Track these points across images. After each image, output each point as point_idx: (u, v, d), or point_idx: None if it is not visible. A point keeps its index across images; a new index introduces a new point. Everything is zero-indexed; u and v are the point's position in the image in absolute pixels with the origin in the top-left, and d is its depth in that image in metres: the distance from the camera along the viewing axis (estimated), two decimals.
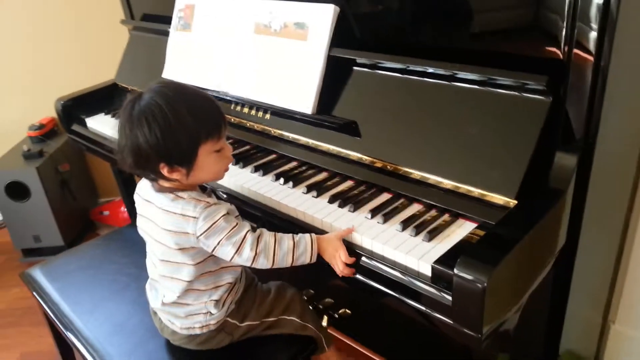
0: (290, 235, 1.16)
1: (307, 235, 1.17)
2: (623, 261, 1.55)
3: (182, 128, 1.07)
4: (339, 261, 1.13)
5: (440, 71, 1.23)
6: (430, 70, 1.25)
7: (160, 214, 1.14)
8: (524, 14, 1.16)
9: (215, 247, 1.12)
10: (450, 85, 1.23)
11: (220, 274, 1.22)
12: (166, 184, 1.15)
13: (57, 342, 1.68)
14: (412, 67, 1.29)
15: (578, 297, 1.65)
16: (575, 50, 1.05)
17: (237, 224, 1.13)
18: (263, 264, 1.14)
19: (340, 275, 1.15)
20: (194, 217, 1.11)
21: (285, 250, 1.14)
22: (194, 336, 1.25)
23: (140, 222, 1.24)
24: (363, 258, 1.14)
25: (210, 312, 1.23)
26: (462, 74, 1.20)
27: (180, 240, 1.13)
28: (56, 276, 1.61)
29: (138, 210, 1.24)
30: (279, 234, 1.16)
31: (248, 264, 1.14)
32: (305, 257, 1.15)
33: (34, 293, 1.58)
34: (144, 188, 1.22)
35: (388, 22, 1.39)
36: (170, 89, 1.09)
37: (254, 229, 1.16)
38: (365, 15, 1.42)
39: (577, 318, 1.69)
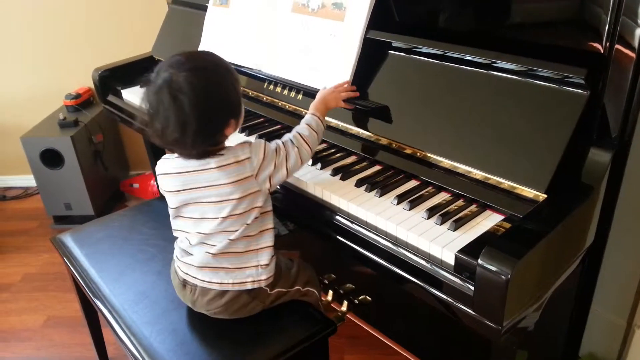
0: (302, 125, 1.30)
1: (307, 115, 1.33)
2: None
3: (229, 81, 1.16)
4: (343, 94, 1.37)
5: (477, 59, 1.21)
6: (467, 57, 1.23)
7: (217, 173, 1.16)
8: (567, 5, 1.13)
9: (271, 175, 1.20)
10: (486, 74, 1.21)
11: (264, 220, 1.25)
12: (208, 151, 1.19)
13: (84, 306, 1.72)
14: (448, 54, 1.28)
15: (603, 299, 1.63)
16: (617, 46, 1.03)
17: (277, 144, 1.23)
18: (306, 150, 1.26)
19: (345, 98, 1.37)
20: (247, 158, 1.17)
21: (308, 134, 1.27)
22: (233, 302, 1.25)
23: (184, 196, 1.20)
24: (387, 243, 1.13)
25: (261, 265, 1.24)
26: (498, 63, 1.18)
27: (244, 186, 1.18)
28: (85, 243, 1.65)
29: (176, 187, 1.20)
30: (299, 129, 1.29)
31: (298, 161, 1.24)
32: (320, 124, 1.31)
33: (64, 257, 1.62)
34: (175, 165, 1.20)
35: (427, 6, 1.38)
36: (184, 59, 1.13)
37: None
38: None
39: (600, 320, 1.66)
